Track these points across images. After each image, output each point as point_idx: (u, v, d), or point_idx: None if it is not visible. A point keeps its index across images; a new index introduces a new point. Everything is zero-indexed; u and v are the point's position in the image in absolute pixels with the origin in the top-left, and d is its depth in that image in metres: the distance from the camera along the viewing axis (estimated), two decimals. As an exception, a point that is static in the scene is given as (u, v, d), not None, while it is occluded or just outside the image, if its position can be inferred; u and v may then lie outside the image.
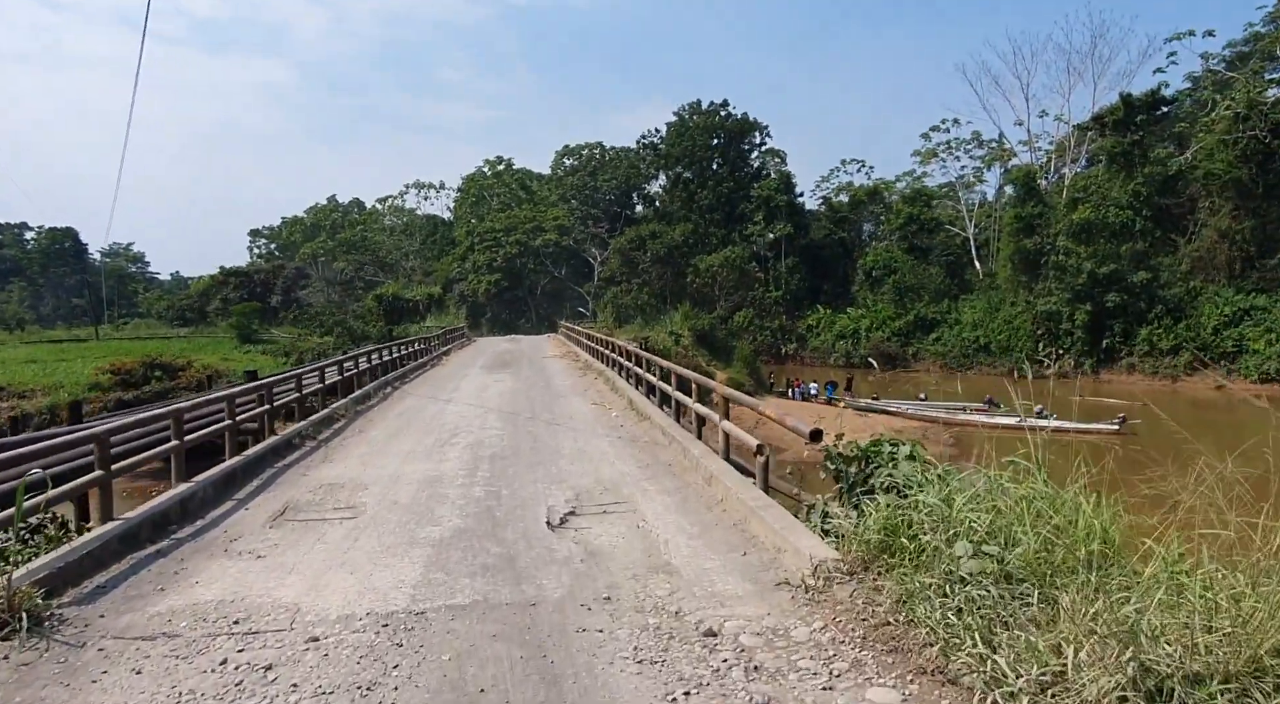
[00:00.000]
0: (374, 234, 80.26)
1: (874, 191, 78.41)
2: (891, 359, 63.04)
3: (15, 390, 37.83)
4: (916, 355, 63.57)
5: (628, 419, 15.13)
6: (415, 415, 16.18)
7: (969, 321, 62.20)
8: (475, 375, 24.70)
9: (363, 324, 48.25)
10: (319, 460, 11.89)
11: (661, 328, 50.71)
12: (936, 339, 63.10)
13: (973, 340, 61.05)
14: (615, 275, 61.86)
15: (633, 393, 17.15)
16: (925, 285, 66.19)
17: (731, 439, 10.25)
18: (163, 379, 37.45)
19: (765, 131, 75.27)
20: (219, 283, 72.73)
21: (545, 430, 14.12)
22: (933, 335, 63.47)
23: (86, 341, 66.81)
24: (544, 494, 9.68)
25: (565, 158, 78.51)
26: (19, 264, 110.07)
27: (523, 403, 17.71)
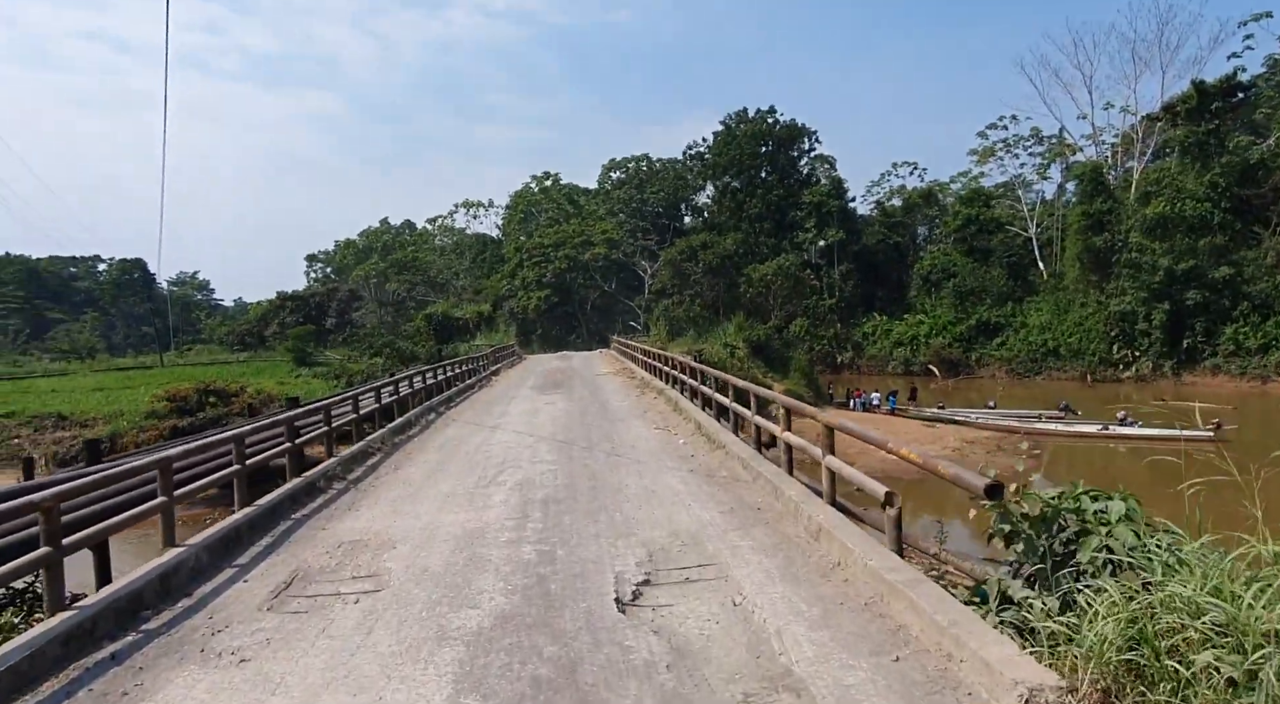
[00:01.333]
0: (424, 254, 79.62)
1: (928, 194, 75.22)
2: (953, 366, 59.84)
3: (78, 419, 37.40)
4: (980, 361, 60.20)
5: (698, 447, 13.02)
6: (458, 447, 14.29)
7: (1036, 325, 58.69)
8: (525, 397, 22.83)
9: (412, 344, 47.02)
10: (344, 508, 10.02)
11: (715, 340, 48.49)
12: (1001, 344, 59.69)
13: (1041, 344, 57.53)
14: (666, 287, 59.83)
15: (700, 415, 15.04)
16: (987, 288, 62.84)
17: (839, 478, 8.08)
18: (217, 405, 36.61)
19: (814, 137, 72.77)
20: (276, 307, 72.73)
21: (605, 464, 12.09)
22: (997, 340, 60.07)
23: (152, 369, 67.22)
24: (609, 554, 7.62)
25: (612, 171, 76.93)
26: (93, 295, 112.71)
27: (577, 429, 15.72)
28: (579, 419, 17.11)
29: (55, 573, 5.94)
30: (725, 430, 13.16)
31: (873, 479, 7.15)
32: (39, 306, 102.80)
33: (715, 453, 12.33)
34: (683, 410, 16.54)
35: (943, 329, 62.05)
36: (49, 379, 58.46)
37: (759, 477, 9.99)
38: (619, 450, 13.15)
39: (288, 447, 10.72)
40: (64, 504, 7.20)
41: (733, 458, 11.48)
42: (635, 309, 65.99)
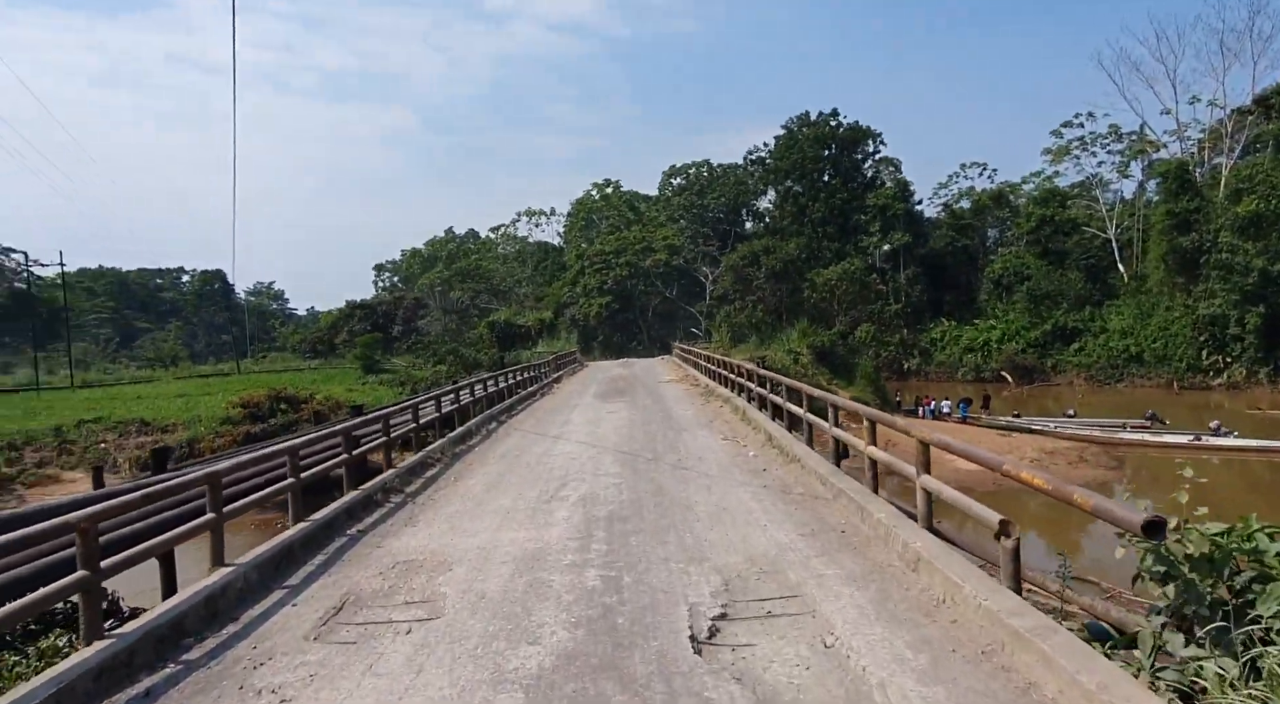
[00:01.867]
0: (487, 262, 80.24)
1: (998, 195, 72.48)
2: (1027, 372, 57.36)
3: (159, 425, 38.44)
4: (1056, 368, 57.51)
5: (770, 460, 12.19)
6: (519, 458, 13.75)
7: (1117, 329, 55.81)
8: (587, 405, 22.26)
9: (475, 351, 47.09)
10: (401, 523, 9.53)
11: (779, 346, 47.35)
12: (1079, 349, 56.94)
13: (1122, 350, 54.65)
14: (728, 293, 58.81)
15: (770, 425, 14.20)
16: (1063, 292, 60.10)
17: (936, 499, 7.21)
18: (287, 411, 37.18)
19: (879, 139, 70.86)
20: (345, 316, 74.05)
21: (671, 477, 11.36)
22: (1074, 345, 57.34)
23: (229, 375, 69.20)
24: (680, 582, 6.89)
25: (672, 177, 76.30)
26: (176, 305, 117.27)
27: (641, 439, 15.03)
28: (643, 429, 16.43)
29: (92, 598, 5.51)
30: (799, 442, 12.31)
31: (984, 506, 6.26)
32: (128, 316, 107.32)
33: (789, 467, 11.49)
34: (751, 420, 15.71)
35: (1016, 334, 59.56)
36: (135, 386, 60.58)
37: (840, 494, 9.13)
38: (686, 463, 12.41)
39: (345, 458, 10.30)
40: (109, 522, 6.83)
41: (809, 473, 10.63)
42: (696, 315, 65.15)
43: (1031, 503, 20.95)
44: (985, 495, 14.92)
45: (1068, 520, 18.94)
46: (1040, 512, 19.89)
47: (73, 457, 36.57)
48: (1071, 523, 19.26)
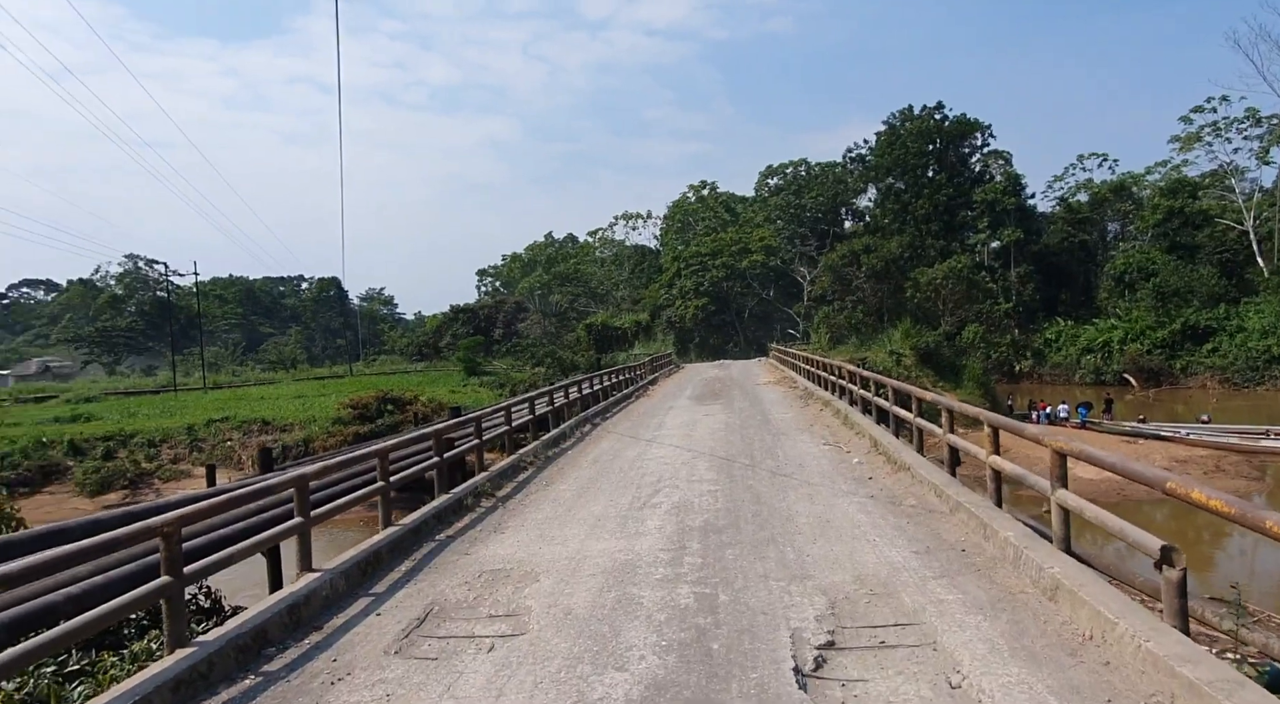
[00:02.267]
0: (585, 266, 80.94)
1: (1119, 187, 67.71)
2: (1153, 375, 53.17)
3: (278, 424, 40.31)
4: (1186, 370, 53.10)
5: (876, 468, 11.33)
6: (612, 462, 13.34)
7: (1256, 328, 51.06)
8: (682, 408, 21.72)
9: (572, 354, 47.32)
10: (490, 530, 9.23)
11: (880, 347, 45.54)
12: (1213, 350, 52.41)
13: (1262, 351, 49.95)
14: (826, 294, 57.10)
15: (875, 430, 13.29)
16: (1194, 289, 55.48)
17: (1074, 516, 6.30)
18: (393, 412, 38.28)
19: (988, 132, 67.38)
20: (449, 320, 76.20)
21: (770, 485, 10.69)
22: (1207, 346, 52.81)
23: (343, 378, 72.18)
24: (782, 603, 6.25)
25: (769, 177, 74.90)
26: (296, 311, 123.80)
27: (738, 444, 14.38)
28: (739, 432, 15.76)
29: (175, 606, 5.36)
30: (908, 449, 11.40)
31: (1141, 530, 5.36)
32: (254, 322, 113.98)
33: (898, 475, 10.62)
34: (854, 424, 14.80)
35: (1140, 334, 55.33)
36: (259, 387, 64.02)
37: (958, 508, 8.26)
38: (785, 469, 11.70)
39: (435, 461, 10.11)
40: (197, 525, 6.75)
41: (921, 483, 9.75)
42: (794, 316, 63.64)
43: (1157, 513, 19.10)
44: (1108, 508, 13.64)
45: (1195, 534, 17.15)
46: (1166, 524, 18.08)
47: (202, 453, 38.73)
48: (1201, 538, 17.41)
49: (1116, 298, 59.85)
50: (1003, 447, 11.06)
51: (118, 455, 37.03)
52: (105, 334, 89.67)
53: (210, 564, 5.83)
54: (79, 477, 34.70)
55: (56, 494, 34.96)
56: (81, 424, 42.29)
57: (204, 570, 5.74)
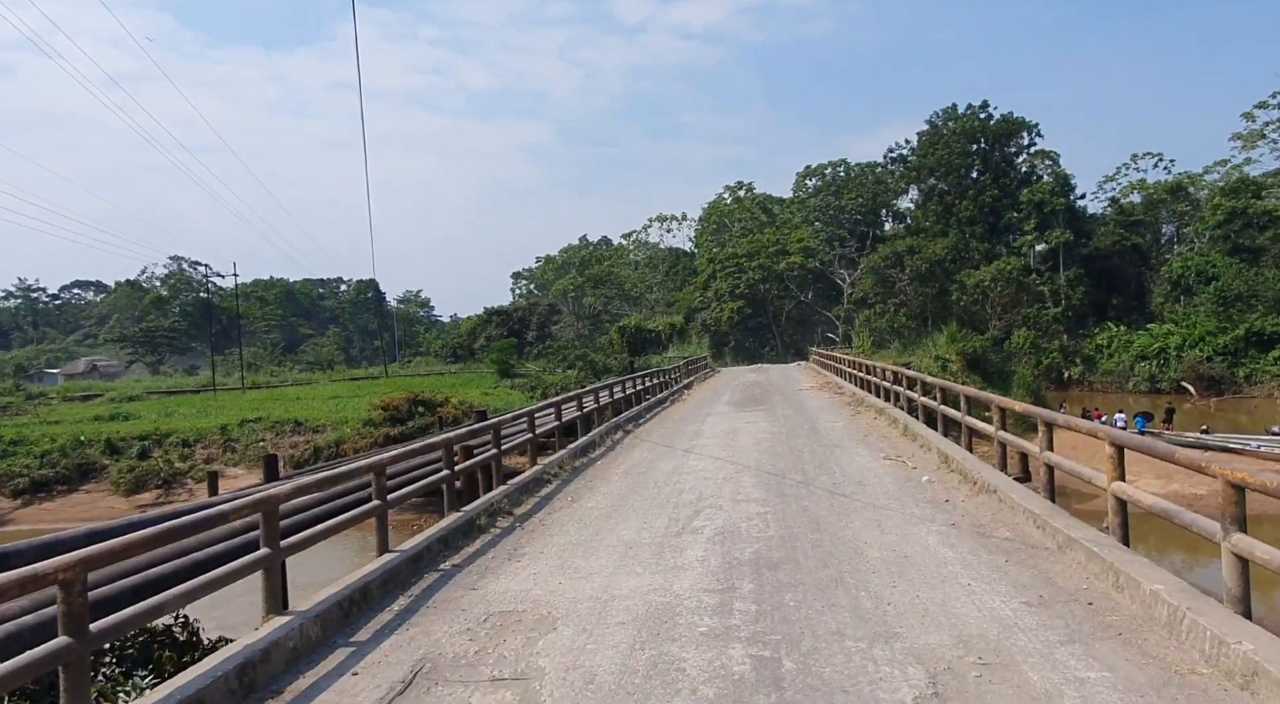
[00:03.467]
0: (619, 268, 79.70)
1: (1176, 188, 64.54)
2: (1214, 383, 50.29)
3: (311, 425, 39.65)
4: (1250, 378, 50.10)
5: (951, 488, 9.74)
6: (645, 475, 11.90)
7: (1328, 336, 48.00)
8: (721, 414, 20.19)
9: (604, 356, 46.01)
10: (503, 558, 7.85)
11: (924, 352, 43.54)
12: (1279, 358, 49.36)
13: (1335, 359, 46.91)
14: (868, 296, 55.05)
15: (943, 443, 11.68)
16: (1258, 293, 52.39)
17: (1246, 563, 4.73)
18: (424, 414, 37.42)
19: (1035, 131, 64.74)
20: (483, 322, 75.51)
21: (828, 507, 9.17)
22: (1273, 353, 49.76)
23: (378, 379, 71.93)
24: (866, 675, 4.76)
25: (807, 178, 72.89)
26: (335, 313, 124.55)
27: (785, 456, 12.85)
28: (786, 443, 14.21)
29: (76, 676, 4.06)
30: (987, 467, 9.80)
31: None
32: (293, 323, 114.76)
33: (980, 499, 9.03)
34: (916, 436, 13.20)
35: (1200, 340, 52.41)
36: (296, 387, 63.91)
37: (1070, 545, 6.68)
38: (844, 488, 10.16)
39: (445, 475, 8.78)
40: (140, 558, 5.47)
41: (1012, 509, 8.15)
42: (833, 320, 61.63)
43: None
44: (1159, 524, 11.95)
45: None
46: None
47: (235, 454, 38.20)
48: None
49: (1173, 303, 56.96)
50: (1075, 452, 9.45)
51: (152, 455, 36.68)
52: (149, 334, 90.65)
53: (128, 618, 4.52)
54: (114, 476, 34.34)
55: (93, 493, 34.58)
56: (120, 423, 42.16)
57: (119, 626, 4.43)
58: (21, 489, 33.73)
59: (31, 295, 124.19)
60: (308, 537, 6.30)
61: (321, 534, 6.48)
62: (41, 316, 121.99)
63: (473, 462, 9.76)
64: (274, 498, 5.67)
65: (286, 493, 5.97)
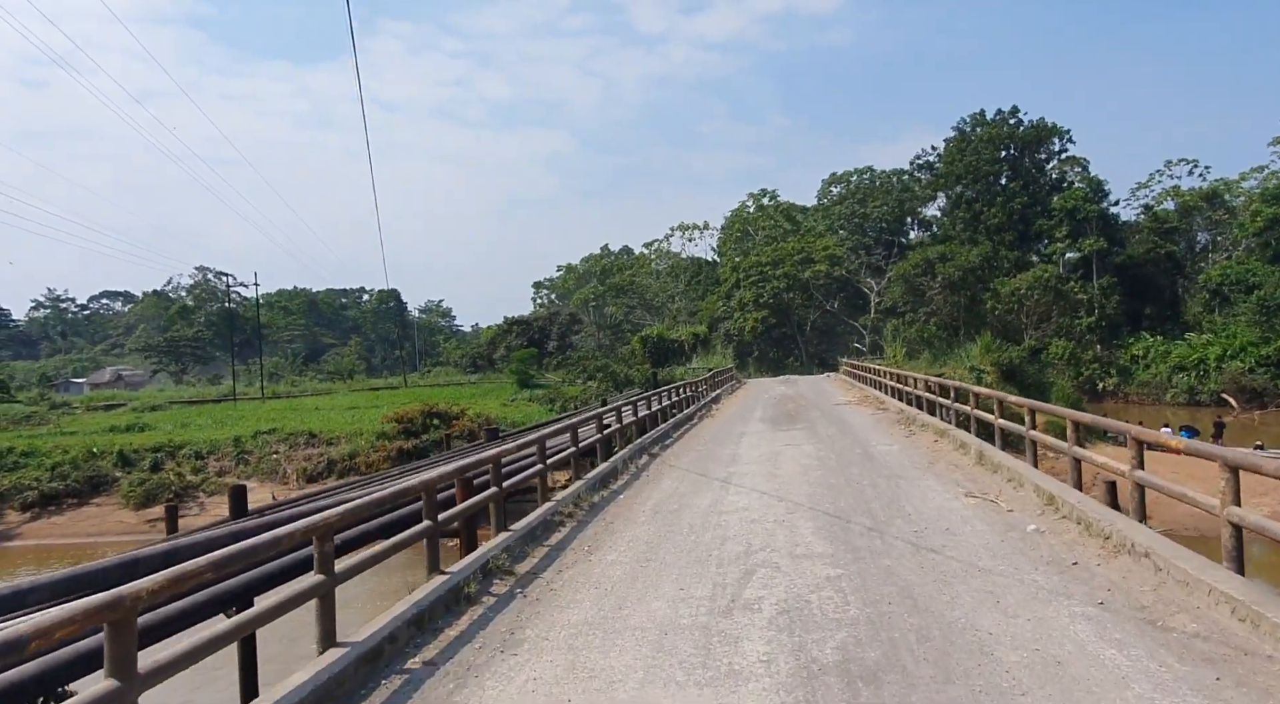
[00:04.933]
0: (641, 278, 77.58)
1: (1212, 195, 61.56)
2: (1257, 395, 47.30)
3: (325, 437, 37.92)
4: (1295, 391, 47.07)
5: (1073, 542, 7.48)
6: (677, 515, 9.72)
7: (1379, 346, 44.94)
8: (757, 433, 17.94)
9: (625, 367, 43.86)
10: (494, 648, 5.73)
11: (957, 363, 41.05)
12: (1326, 370, 46.36)
13: (1387, 370, 43.85)
14: (897, 305, 52.51)
15: (1042, 478, 9.41)
16: (1300, 302, 49.40)
17: None
18: (440, 427, 35.66)
19: (1067, 136, 62.04)
20: (503, 331, 73.68)
21: (916, 568, 6.96)
22: (1319, 365, 46.75)
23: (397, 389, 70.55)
24: None
25: (832, 186, 70.48)
26: (357, 323, 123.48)
27: (842, 490, 10.62)
28: (839, 472, 11.98)
29: None
30: (1119, 516, 7.56)
31: None
32: (316, 332, 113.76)
33: (1119, 561, 6.78)
34: (996, 465, 10.93)
35: (1241, 351, 49.44)
36: (315, 397, 62.57)
37: None
38: (928, 537, 7.94)
39: (426, 527, 6.68)
40: None
41: (1184, 584, 5.90)
42: (859, 329, 59.10)
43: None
44: None
45: None
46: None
47: (248, 466, 36.49)
48: None
49: (1211, 312, 54.03)
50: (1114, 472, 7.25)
51: (164, 467, 35.19)
52: (173, 344, 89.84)
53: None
54: (125, 489, 32.88)
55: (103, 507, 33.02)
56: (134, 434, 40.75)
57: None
58: (31, 503, 32.20)
59: (60, 305, 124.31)
60: (179, 655, 4.19)
61: (179, 661, 4.38)
62: (70, 327, 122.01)
63: (468, 504, 7.65)
64: (124, 598, 3.58)
65: (183, 574, 3.89)
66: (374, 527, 8.09)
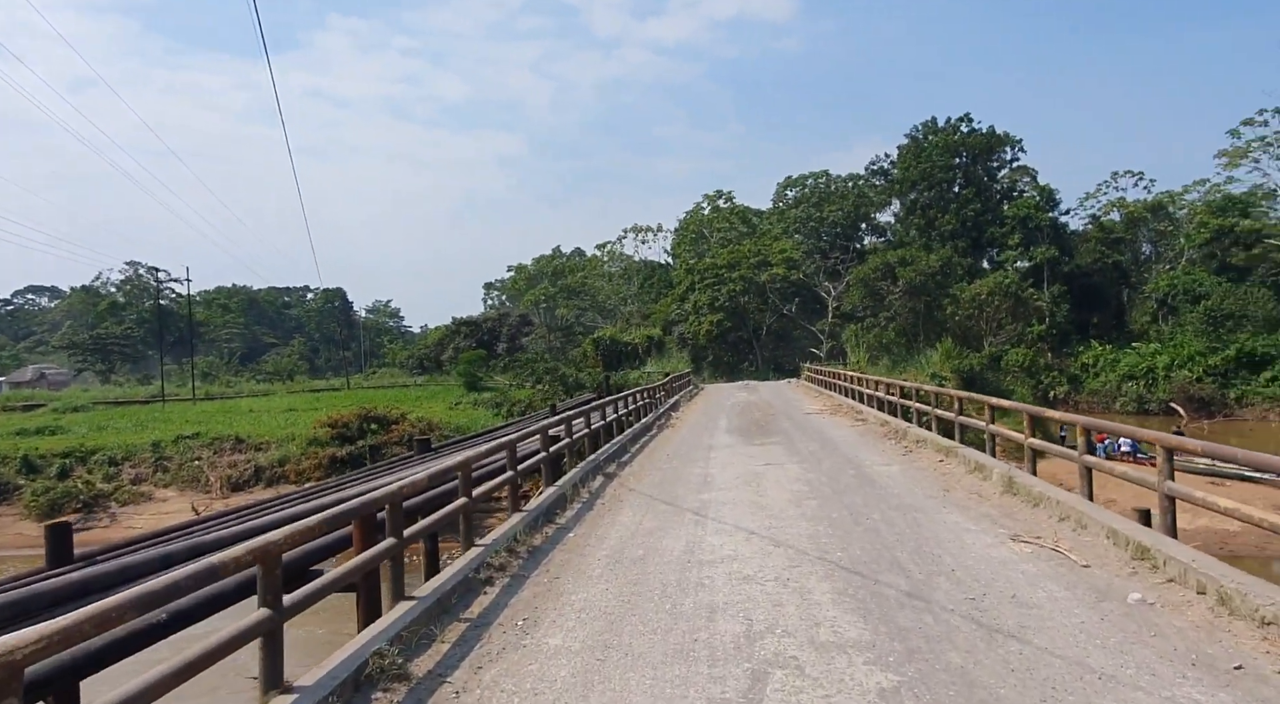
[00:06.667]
0: (593, 279, 74.97)
1: (1157, 206, 61.77)
2: (1204, 404, 46.96)
3: (253, 442, 34.70)
4: (1241, 400, 46.88)
5: (1208, 620, 5.27)
6: (644, 567, 7.23)
7: (1323, 358, 44.96)
8: (726, 447, 15.55)
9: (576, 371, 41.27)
10: None
11: (918, 369, 39.60)
12: (1273, 379, 46.22)
13: (1330, 382, 43.82)
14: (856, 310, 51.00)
15: (1108, 516, 7.24)
16: (1248, 313, 49.42)
17: None
18: (377, 432, 32.72)
19: (1018, 145, 61.61)
20: (451, 333, 70.45)
21: (1000, 667, 4.65)
22: (1265, 374, 46.63)
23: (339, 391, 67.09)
24: None
25: (788, 189, 68.94)
26: (300, 322, 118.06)
27: (851, 528, 8.28)
28: (837, 501, 9.65)
29: None
30: (1255, 581, 5.39)
31: None
32: (256, 331, 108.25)
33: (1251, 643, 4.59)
34: (1034, 496, 8.75)
35: (1189, 361, 49.16)
36: (251, 399, 58.81)
37: None
38: (992, 610, 5.65)
39: (263, 620, 4.11)
40: None
41: None
42: (817, 334, 57.52)
43: None
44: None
45: None
46: None
47: (167, 474, 33.06)
48: None
49: (1158, 322, 53.93)
50: None
51: (74, 474, 31.68)
52: (101, 342, 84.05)
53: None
54: (27, 498, 29.44)
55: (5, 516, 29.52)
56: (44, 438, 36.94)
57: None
58: (-82, 514, 28.28)
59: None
60: None
61: None
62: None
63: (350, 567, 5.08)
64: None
65: None
66: (196, 599, 5.44)
